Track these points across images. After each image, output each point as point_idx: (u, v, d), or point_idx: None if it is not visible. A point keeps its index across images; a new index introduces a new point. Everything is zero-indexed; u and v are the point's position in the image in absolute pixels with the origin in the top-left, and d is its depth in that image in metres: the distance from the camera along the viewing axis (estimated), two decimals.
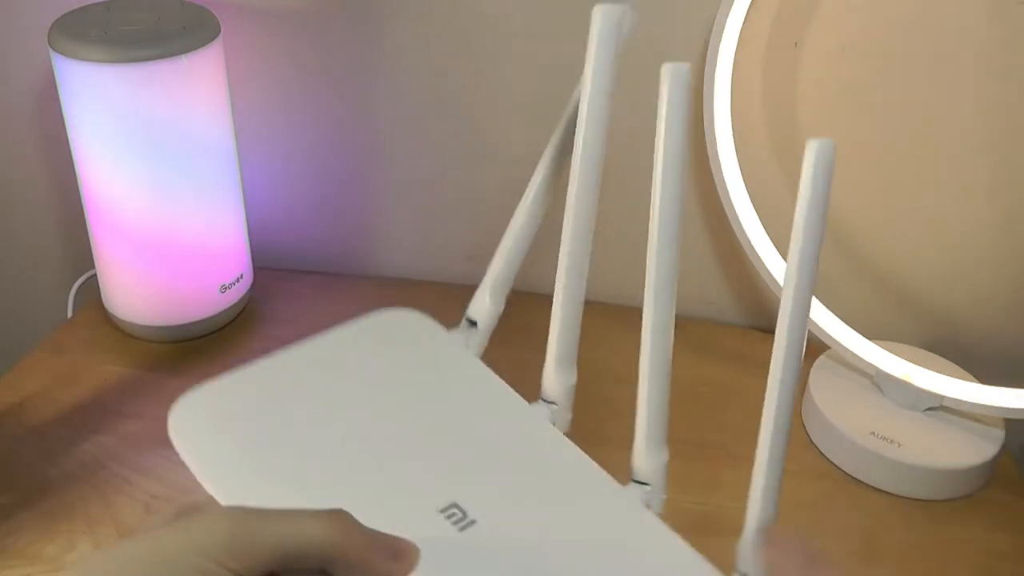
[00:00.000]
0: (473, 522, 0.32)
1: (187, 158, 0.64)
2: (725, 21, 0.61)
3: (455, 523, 0.32)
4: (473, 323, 0.40)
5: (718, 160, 0.63)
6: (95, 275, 0.72)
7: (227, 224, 0.69)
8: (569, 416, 0.38)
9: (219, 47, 0.64)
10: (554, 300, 0.39)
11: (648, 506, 0.36)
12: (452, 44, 0.69)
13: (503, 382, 0.38)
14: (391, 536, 0.30)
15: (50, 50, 0.60)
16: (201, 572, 0.27)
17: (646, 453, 0.37)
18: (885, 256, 0.69)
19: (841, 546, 0.56)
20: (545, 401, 0.38)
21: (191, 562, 0.27)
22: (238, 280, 0.72)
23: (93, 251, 0.69)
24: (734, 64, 0.62)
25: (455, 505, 0.32)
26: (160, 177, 0.63)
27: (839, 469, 0.61)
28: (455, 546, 0.31)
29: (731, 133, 0.63)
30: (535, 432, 0.37)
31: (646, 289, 0.36)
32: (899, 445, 0.59)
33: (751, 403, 0.39)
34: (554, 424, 0.38)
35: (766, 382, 0.38)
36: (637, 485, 0.37)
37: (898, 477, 0.59)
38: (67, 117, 0.63)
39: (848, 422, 0.61)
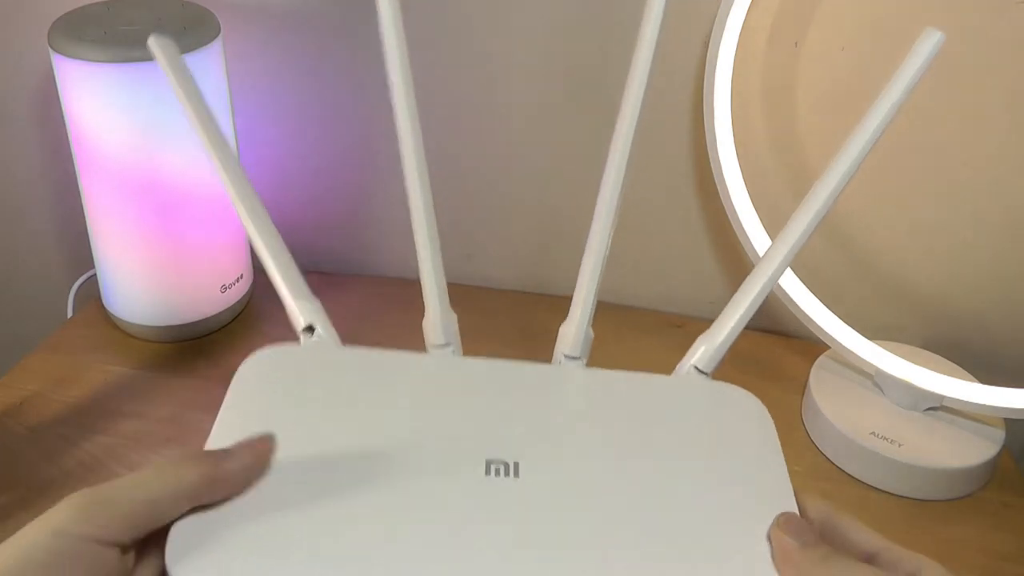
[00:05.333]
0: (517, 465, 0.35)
1: (187, 158, 0.64)
2: (725, 21, 0.61)
3: (504, 476, 0.34)
4: (312, 329, 0.41)
5: (718, 160, 0.63)
6: (95, 275, 0.72)
7: (227, 224, 0.69)
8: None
9: (219, 47, 0.64)
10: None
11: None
12: (453, 44, 0.69)
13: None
14: (236, 448, 0.33)
15: (50, 50, 0.60)
16: (54, 550, 0.28)
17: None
18: (885, 256, 0.69)
19: None
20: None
21: (43, 543, 0.28)
22: (238, 280, 0.72)
23: (93, 251, 0.69)
24: (734, 64, 0.62)
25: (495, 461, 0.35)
26: (160, 177, 0.63)
27: (839, 469, 0.61)
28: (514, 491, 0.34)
29: (731, 133, 0.63)
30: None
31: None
32: (899, 445, 0.59)
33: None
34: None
35: (766, 381, 0.39)
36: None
37: (898, 477, 0.59)
38: (67, 117, 0.63)
39: (848, 422, 0.61)
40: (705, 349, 0.42)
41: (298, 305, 0.41)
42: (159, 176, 0.63)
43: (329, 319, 0.41)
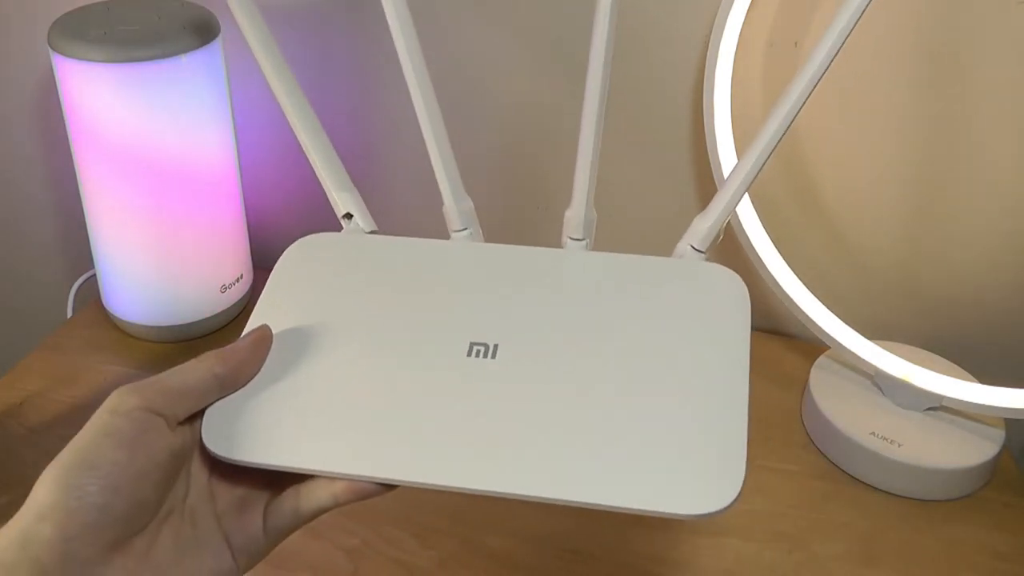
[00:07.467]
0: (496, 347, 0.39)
1: (187, 158, 0.64)
2: (725, 21, 0.61)
3: (484, 357, 0.39)
4: (350, 216, 0.48)
5: (718, 160, 0.63)
6: (95, 275, 0.72)
7: (227, 224, 0.69)
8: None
9: (219, 47, 0.64)
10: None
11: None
12: (454, 44, 0.69)
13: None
14: (241, 338, 0.40)
15: (50, 50, 0.60)
16: (113, 423, 0.34)
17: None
18: (885, 256, 0.69)
19: (841, 546, 0.56)
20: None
21: (104, 420, 0.34)
22: (238, 280, 0.72)
23: (93, 251, 0.69)
24: (734, 64, 0.62)
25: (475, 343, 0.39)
26: (160, 177, 0.63)
27: (839, 469, 0.61)
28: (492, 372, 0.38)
29: (731, 133, 0.63)
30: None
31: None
32: (899, 445, 0.59)
33: (751, 400, 0.40)
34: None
35: (766, 381, 0.39)
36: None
37: (898, 477, 0.59)
38: (67, 117, 0.63)
39: (848, 422, 0.61)
40: (700, 228, 0.45)
41: (339, 196, 0.48)
42: (159, 176, 0.63)
43: (365, 206, 0.48)
